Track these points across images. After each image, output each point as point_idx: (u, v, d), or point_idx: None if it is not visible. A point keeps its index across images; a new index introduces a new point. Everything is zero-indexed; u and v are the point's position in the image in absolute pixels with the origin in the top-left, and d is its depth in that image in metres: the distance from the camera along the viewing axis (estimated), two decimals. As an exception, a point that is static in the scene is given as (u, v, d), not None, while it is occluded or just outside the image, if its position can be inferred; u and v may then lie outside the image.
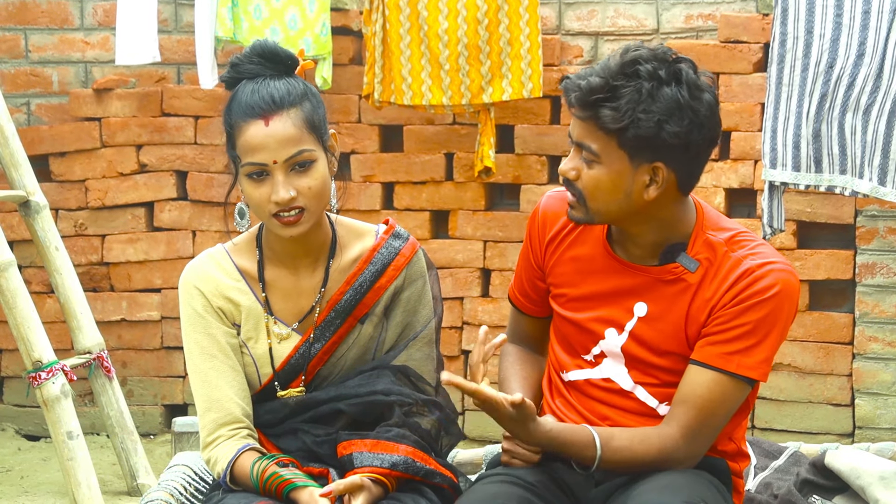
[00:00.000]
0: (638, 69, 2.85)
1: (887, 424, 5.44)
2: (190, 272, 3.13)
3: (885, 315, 5.43)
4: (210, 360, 3.10)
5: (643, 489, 2.89)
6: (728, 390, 2.92)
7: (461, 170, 5.83)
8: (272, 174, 2.97)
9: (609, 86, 2.85)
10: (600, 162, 2.89)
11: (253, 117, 2.97)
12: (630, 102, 2.84)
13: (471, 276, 5.83)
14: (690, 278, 2.95)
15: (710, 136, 2.91)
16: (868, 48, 4.78)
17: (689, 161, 2.91)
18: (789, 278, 2.93)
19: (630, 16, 5.70)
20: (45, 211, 5.38)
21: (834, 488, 3.34)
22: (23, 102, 6.15)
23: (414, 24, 5.52)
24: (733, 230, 2.99)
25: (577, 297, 3.07)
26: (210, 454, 3.07)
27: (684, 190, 2.96)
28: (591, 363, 3.06)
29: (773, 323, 2.91)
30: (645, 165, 2.88)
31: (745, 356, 2.91)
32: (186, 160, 6.04)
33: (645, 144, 2.86)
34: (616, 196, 2.91)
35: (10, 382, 6.23)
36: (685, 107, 2.85)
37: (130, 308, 6.09)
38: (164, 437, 6.05)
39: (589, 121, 2.88)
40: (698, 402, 2.92)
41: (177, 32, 6.04)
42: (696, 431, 2.92)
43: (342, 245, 3.15)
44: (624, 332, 3.01)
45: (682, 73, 2.88)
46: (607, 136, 2.87)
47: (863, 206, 5.42)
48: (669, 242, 2.98)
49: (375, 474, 3.00)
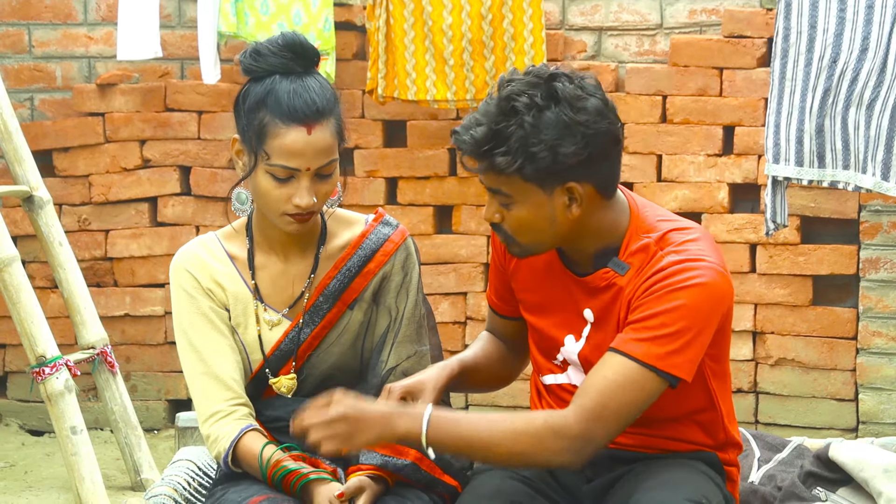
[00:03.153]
0: (514, 105, 2.83)
1: (891, 419, 5.44)
2: (180, 256, 3.15)
3: (889, 310, 5.43)
4: (205, 338, 3.10)
5: (644, 486, 2.88)
6: (633, 377, 2.82)
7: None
8: (298, 178, 2.99)
9: (493, 132, 2.83)
10: (515, 201, 2.88)
11: (295, 122, 2.98)
12: (517, 140, 2.81)
13: (474, 272, 5.83)
14: (621, 281, 2.92)
15: (609, 138, 2.87)
16: (871, 43, 4.77)
17: (599, 168, 2.88)
18: (712, 276, 2.85)
19: (634, 10, 5.70)
20: (48, 206, 5.38)
21: (838, 480, 3.34)
22: (26, 97, 6.15)
23: (418, 19, 5.52)
24: (664, 229, 2.94)
25: (536, 303, 3.07)
26: (210, 430, 3.07)
27: (607, 195, 2.93)
28: (560, 368, 3.05)
29: (688, 315, 2.82)
30: (558, 188, 2.86)
31: (655, 345, 2.82)
32: (190, 155, 6.04)
33: (548, 173, 2.83)
34: (542, 226, 2.89)
35: (13, 377, 6.24)
36: (571, 124, 2.82)
37: (134, 303, 6.10)
38: (167, 432, 6.06)
39: (488, 170, 2.86)
40: (598, 383, 2.83)
41: (180, 27, 6.04)
42: (592, 413, 2.80)
43: (332, 232, 3.17)
44: (581, 339, 2.99)
45: (558, 92, 2.84)
46: (510, 177, 2.85)
47: (866, 201, 5.41)
48: (605, 248, 2.95)
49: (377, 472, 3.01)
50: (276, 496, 2.98)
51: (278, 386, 3.13)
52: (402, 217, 5.79)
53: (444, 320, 5.87)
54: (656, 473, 2.91)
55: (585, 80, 2.89)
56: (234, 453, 3.04)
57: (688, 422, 3.02)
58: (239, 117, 3.06)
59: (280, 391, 3.14)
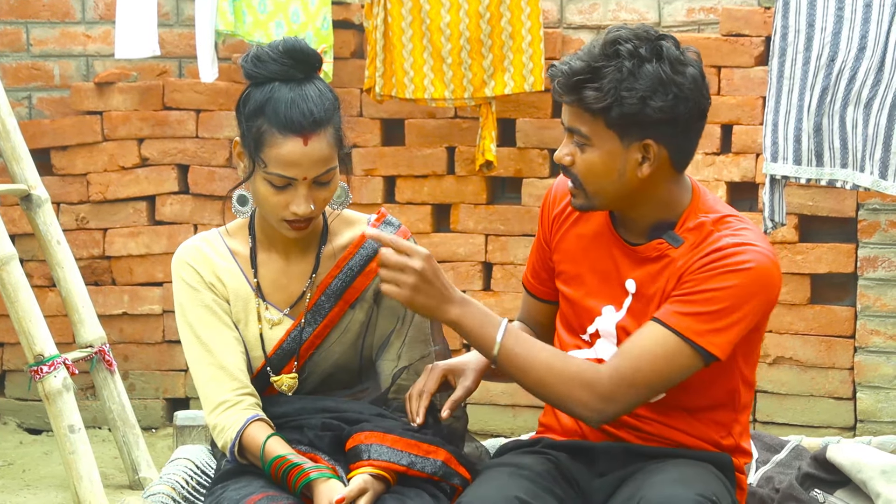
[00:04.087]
0: (618, 49, 2.88)
1: (889, 418, 5.44)
2: (183, 250, 3.16)
3: (887, 308, 5.43)
4: (211, 330, 3.11)
5: (654, 481, 2.89)
6: (670, 350, 2.88)
7: (463, 163, 5.83)
8: (295, 186, 3.00)
9: (591, 68, 2.88)
10: (591, 144, 2.92)
11: (292, 133, 2.98)
12: (612, 81, 2.86)
13: (472, 270, 5.83)
14: (674, 254, 2.96)
15: (696, 109, 2.92)
16: (869, 42, 4.77)
17: (679, 136, 2.93)
18: (766, 262, 2.90)
19: (632, 9, 5.70)
20: (46, 205, 5.38)
21: (835, 482, 3.34)
22: (24, 96, 6.15)
23: (416, 17, 5.52)
24: (725, 213, 2.99)
25: (576, 273, 3.10)
26: (217, 419, 3.07)
27: (678, 166, 2.97)
28: (588, 343, 3.07)
29: (735, 297, 2.87)
30: (635, 143, 2.91)
31: (697, 321, 2.87)
32: (188, 154, 6.04)
33: (632, 122, 2.88)
34: (611, 177, 2.93)
35: (11, 376, 6.24)
36: (668, 82, 2.87)
37: (132, 302, 6.10)
38: (165, 430, 6.06)
39: (575, 104, 2.91)
40: (635, 349, 2.89)
41: (178, 26, 6.04)
42: (625, 377, 2.87)
43: (333, 232, 3.18)
44: (622, 309, 3.02)
45: (664, 50, 2.89)
46: (594, 117, 2.89)
47: (864, 200, 5.41)
48: (661, 222, 2.99)
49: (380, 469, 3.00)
50: (275, 494, 2.97)
51: (279, 384, 3.14)
52: (400, 216, 5.79)
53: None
54: (667, 470, 2.92)
55: (690, 51, 2.95)
56: (240, 444, 3.04)
57: (705, 418, 3.04)
58: (240, 121, 3.06)
59: (281, 389, 3.14)
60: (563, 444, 3.09)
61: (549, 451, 3.07)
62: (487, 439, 3.62)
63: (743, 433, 3.10)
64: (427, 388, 3.11)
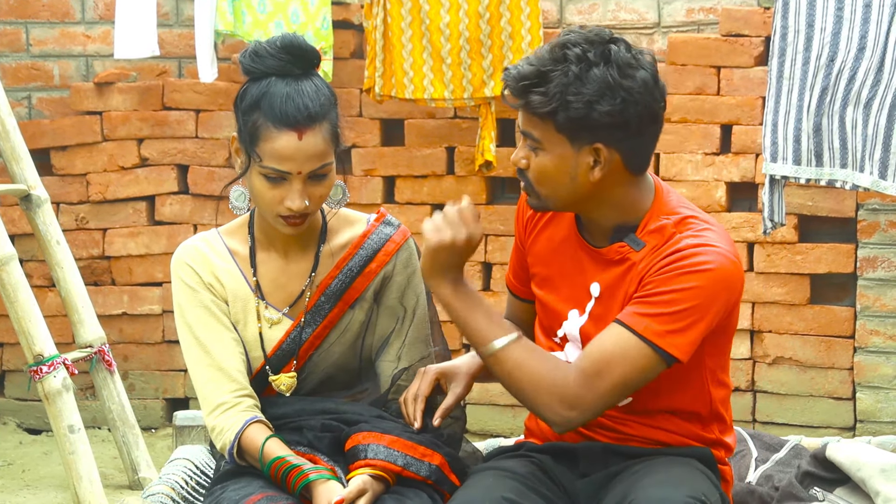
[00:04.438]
0: (566, 53, 2.88)
1: (888, 418, 5.44)
2: (181, 250, 3.16)
3: (887, 309, 5.43)
4: (210, 332, 3.11)
5: (643, 483, 2.88)
6: (629, 351, 2.87)
7: (462, 164, 5.83)
8: (290, 181, 3.00)
9: (538, 72, 2.88)
10: (543, 148, 2.92)
11: (287, 127, 2.99)
12: (558, 86, 2.86)
13: (472, 270, 5.83)
14: (635, 257, 2.96)
15: (647, 112, 2.91)
16: (869, 42, 4.77)
17: (631, 139, 2.92)
18: (726, 263, 2.89)
19: (631, 9, 5.70)
20: (46, 205, 5.38)
21: (835, 480, 3.34)
22: (24, 96, 6.15)
23: (415, 17, 5.52)
24: (687, 214, 2.98)
25: (546, 276, 3.11)
26: (215, 421, 3.07)
27: (634, 169, 2.97)
28: (559, 345, 3.08)
29: (694, 298, 2.86)
30: (586, 147, 2.90)
31: (656, 322, 2.86)
32: (187, 154, 6.04)
33: (580, 126, 2.88)
34: (562, 180, 2.93)
35: (11, 376, 6.24)
36: (615, 86, 2.86)
37: (132, 302, 6.10)
38: (165, 430, 6.06)
39: (523, 108, 2.92)
40: (598, 350, 2.88)
41: (178, 26, 6.04)
42: (589, 377, 2.87)
43: (333, 231, 3.18)
44: (584, 313, 3.02)
45: (612, 54, 2.89)
46: (543, 121, 2.90)
47: (864, 200, 5.41)
48: (623, 225, 2.99)
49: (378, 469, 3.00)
50: (274, 494, 2.97)
51: (278, 384, 3.13)
52: (400, 216, 5.79)
53: (442, 319, 5.85)
54: (655, 471, 2.92)
55: (643, 54, 2.95)
56: (239, 445, 3.04)
57: (679, 418, 3.04)
58: (237, 116, 3.07)
59: (279, 389, 3.14)
60: (544, 447, 3.10)
61: (533, 454, 3.08)
62: (487, 439, 3.63)
63: (726, 430, 3.10)
64: (421, 392, 3.12)
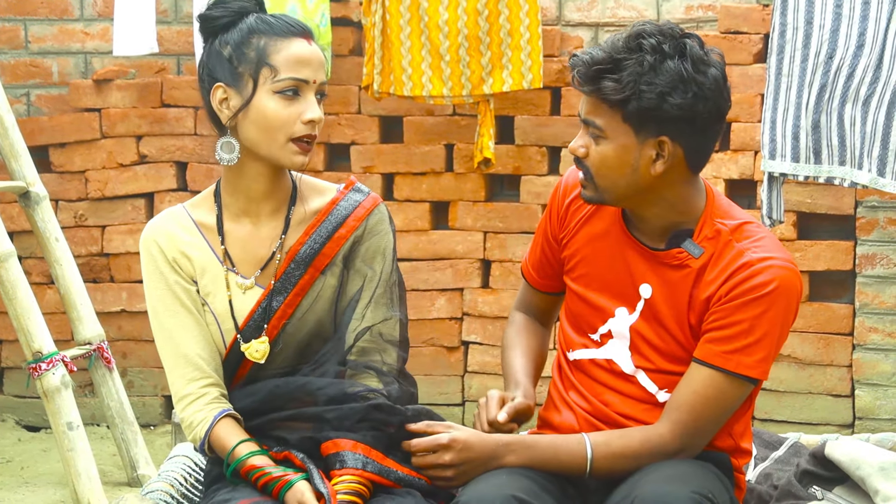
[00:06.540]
0: (641, 43, 2.87)
1: (887, 415, 5.45)
2: (148, 229, 3.14)
3: (885, 306, 5.44)
4: (174, 317, 3.10)
5: (650, 479, 2.88)
6: (725, 389, 2.92)
7: (461, 161, 5.83)
8: (304, 94, 3.01)
9: (612, 59, 2.88)
10: (606, 137, 2.91)
11: (296, 35, 3.01)
12: (632, 74, 2.86)
13: (471, 268, 5.83)
14: (694, 264, 2.96)
15: (715, 109, 2.91)
16: (868, 39, 4.77)
17: (696, 135, 2.92)
18: (788, 275, 2.91)
19: (630, 6, 5.70)
20: (45, 202, 5.38)
21: (834, 479, 3.34)
22: (23, 93, 6.15)
23: (414, 15, 5.52)
24: (741, 220, 2.99)
25: (589, 273, 3.09)
26: (183, 414, 3.06)
27: (693, 167, 2.96)
28: (598, 343, 3.07)
29: (771, 320, 2.90)
30: (650, 139, 2.90)
31: (744, 355, 2.91)
32: (186, 151, 6.04)
33: (649, 117, 2.87)
34: (623, 171, 2.92)
35: (10, 373, 6.24)
36: (688, 80, 2.86)
37: (130, 299, 6.10)
38: (164, 427, 6.06)
39: (593, 94, 2.90)
40: (692, 398, 2.92)
41: (176, 23, 6.04)
42: (688, 428, 2.93)
43: (303, 196, 3.14)
44: (635, 312, 3.02)
45: (687, 48, 2.89)
46: (611, 109, 2.89)
47: (863, 197, 5.42)
48: (677, 227, 2.99)
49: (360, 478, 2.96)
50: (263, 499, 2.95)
51: (251, 352, 3.07)
52: (399, 213, 5.79)
53: (441, 316, 5.87)
54: (663, 468, 2.92)
55: (714, 52, 2.94)
56: (209, 443, 3.03)
57: None
58: (219, 67, 3.02)
59: (254, 357, 3.08)
60: None
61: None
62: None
63: (744, 433, 3.11)
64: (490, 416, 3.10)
